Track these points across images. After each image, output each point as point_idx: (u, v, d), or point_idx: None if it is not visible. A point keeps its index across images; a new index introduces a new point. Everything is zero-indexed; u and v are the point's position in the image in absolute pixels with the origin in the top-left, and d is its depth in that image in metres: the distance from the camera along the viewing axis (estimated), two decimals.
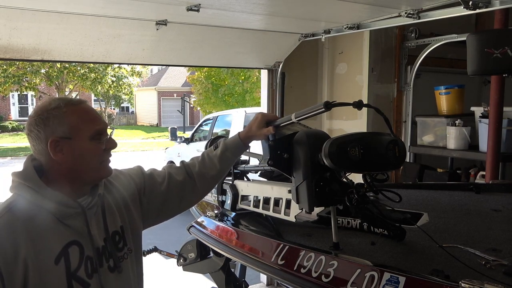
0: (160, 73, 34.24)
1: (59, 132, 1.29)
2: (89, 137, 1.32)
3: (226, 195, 2.24)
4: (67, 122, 1.30)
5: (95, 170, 1.36)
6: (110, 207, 1.43)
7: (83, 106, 1.37)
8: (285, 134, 1.64)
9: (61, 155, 1.29)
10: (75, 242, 1.29)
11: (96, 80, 20.70)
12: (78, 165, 1.32)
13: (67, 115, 1.30)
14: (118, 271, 1.38)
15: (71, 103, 1.34)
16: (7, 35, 2.86)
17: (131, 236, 1.47)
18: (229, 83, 14.95)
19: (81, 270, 1.28)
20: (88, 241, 1.32)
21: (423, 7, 2.80)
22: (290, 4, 2.91)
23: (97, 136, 1.34)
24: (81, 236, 1.31)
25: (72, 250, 1.28)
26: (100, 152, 1.35)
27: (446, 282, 1.14)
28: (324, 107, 1.39)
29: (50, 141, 1.28)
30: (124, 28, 3.13)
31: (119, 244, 1.42)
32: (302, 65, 4.51)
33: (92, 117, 1.36)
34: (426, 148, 4.35)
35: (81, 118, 1.33)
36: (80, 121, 1.32)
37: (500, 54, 2.48)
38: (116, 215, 1.44)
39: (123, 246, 1.43)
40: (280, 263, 1.56)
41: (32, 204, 1.26)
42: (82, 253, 1.30)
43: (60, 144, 1.29)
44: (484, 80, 4.86)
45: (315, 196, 1.51)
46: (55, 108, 1.30)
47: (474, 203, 2.32)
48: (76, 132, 1.31)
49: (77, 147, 1.31)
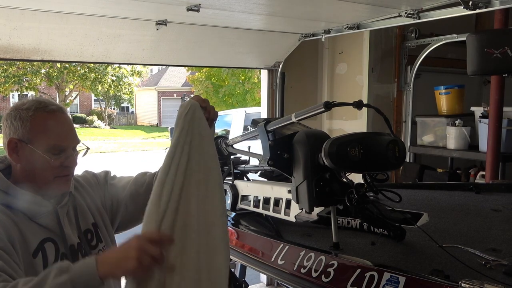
0: (160, 73, 34.23)
1: (19, 133, 1.28)
2: (44, 150, 1.28)
3: (226, 195, 2.24)
4: (30, 127, 1.27)
5: (48, 183, 1.32)
6: (81, 206, 1.43)
7: (56, 116, 1.31)
8: (285, 134, 1.64)
9: (16, 156, 1.29)
10: (50, 239, 1.29)
11: (96, 80, 20.73)
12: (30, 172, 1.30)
13: (32, 119, 1.28)
14: None
15: (43, 109, 1.30)
16: (7, 35, 2.86)
17: (106, 233, 1.48)
18: (230, 84, 14.95)
19: None
20: (61, 239, 1.31)
21: (423, 7, 2.80)
22: (290, 4, 2.90)
23: (54, 151, 1.29)
24: (54, 234, 1.31)
25: (48, 246, 1.28)
26: (51, 167, 1.29)
27: (446, 282, 1.14)
28: (324, 107, 1.39)
29: (9, 140, 1.28)
30: (124, 28, 3.12)
31: (92, 242, 1.42)
32: (302, 65, 4.51)
33: (58, 130, 1.31)
34: (426, 148, 4.35)
35: (45, 127, 1.29)
36: (42, 130, 1.28)
37: (500, 54, 2.48)
38: (88, 213, 1.44)
39: (97, 243, 1.43)
40: (280, 263, 1.56)
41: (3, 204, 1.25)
42: (57, 249, 1.30)
43: (18, 146, 1.28)
44: (484, 80, 4.86)
45: (315, 196, 1.51)
46: (26, 109, 1.29)
47: (474, 203, 2.32)
48: (34, 140, 1.28)
49: (30, 155, 1.28)
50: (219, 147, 2.23)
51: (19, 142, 1.28)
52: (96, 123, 29.46)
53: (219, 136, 2.30)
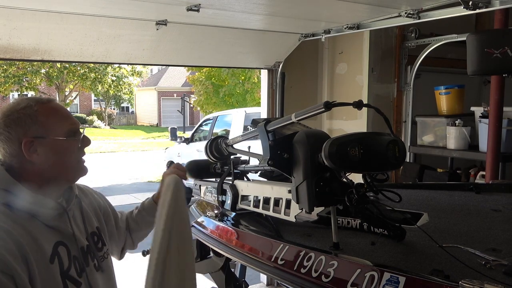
0: (160, 73, 34.25)
1: (32, 131, 1.25)
2: (64, 135, 1.29)
3: (226, 195, 2.24)
4: (40, 120, 1.26)
5: (72, 170, 1.33)
6: (85, 209, 1.44)
7: (53, 105, 1.33)
8: (285, 134, 1.64)
9: (35, 155, 1.25)
10: (62, 243, 1.28)
11: (96, 80, 20.74)
12: (55, 165, 1.28)
13: (39, 113, 1.27)
14: (101, 270, 1.38)
15: (41, 102, 1.31)
16: (7, 35, 2.86)
17: (107, 238, 1.50)
18: (230, 84, 14.94)
19: (72, 270, 1.27)
20: (73, 242, 1.31)
21: (423, 7, 2.80)
22: (290, 4, 2.91)
23: (71, 134, 1.31)
24: (65, 237, 1.29)
25: (60, 249, 1.26)
26: (76, 150, 1.32)
27: (446, 282, 1.14)
28: (324, 107, 1.39)
29: (24, 142, 1.24)
30: (124, 28, 3.13)
31: (98, 244, 1.43)
32: (302, 65, 4.51)
33: (64, 115, 1.33)
34: (426, 148, 4.35)
35: (54, 116, 1.30)
36: (54, 119, 1.29)
37: (500, 54, 2.48)
38: (91, 217, 1.45)
39: (102, 246, 1.44)
40: (280, 263, 1.56)
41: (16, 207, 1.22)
42: (69, 253, 1.29)
43: (35, 144, 1.25)
44: (484, 80, 4.86)
45: (315, 196, 1.51)
46: (26, 107, 1.26)
47: (474, 203, 2.32)
48: (50, 131, 1.27)
49: (52, 146, 1.27)
50: (219, 147, 2.23)
51: (35, 139, 1.25)
52: (96, 123, 29.48)
53: (219, 136, 2.30)
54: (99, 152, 18.64)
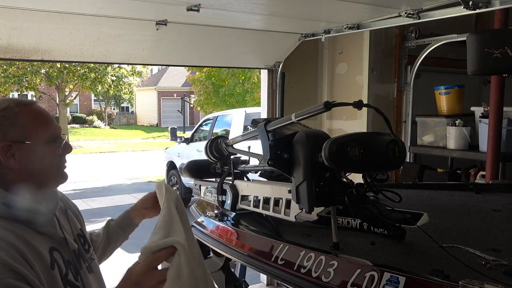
0: (160, 73, 34.25)
1: (12, 135, 1.17)
2: (45, 141, 1.21)
3: (226, 195, 2.24)
4: (21, 124, 1.18)
5: (53, 177, 1.27)
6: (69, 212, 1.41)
7: (35, 107, 1.24)
8: (285, 134, 1.64)
9: (13, 160, 1.17)
10: (55, 248, 1.23)
11: (96, 80, 20.71)
12: (33, 171, 1.21)
13: (20, 116, 1.18)
14: (92, 272, 1.35)
15: (22, 104, 1.21)
16: (7, 35, 2.86)
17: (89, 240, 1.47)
18: (230, 84, 14.94)
19: (70, 274, 1.24)
20: (65, 246, 1.26)
21: (423, 7, 2.80)
22: (290, 4, 2.91)
23: (53, 140, 1.24)
24: (57, 242, 1.24)
25: (56, 255, 1.21)
26: (56, 157, 1.25)
27: (446, 282, 1.14)
28: (324, 107, 1.39)
29: (1, 146, 1.15)
30: (124, 28, 3.13)
31: (85, 246, 1.39)
32: (302, 65, 4.51)
33: (47, 119, 1.25)
34: (426, 148, 4.35)
35: (36, 119, 1.21)
36: (35, 123, 1.20)
37: (500, 54, 2.48)
38: (74, 219, 1.42)
39: (89, 248, 1.41)
40: (280, 263, 1.56)
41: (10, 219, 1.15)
42: (63, 258, 1.24)
43: (13, 148, 1.17)
44: (484, 80, 4.87)
45: (315, 196, 1.51)
46: (5, 108, 1.18)
47: (474, 203, 2.32)
48: (31, 135, 1.19)
49: (32, 152, 1.19)
50: (219, 147, 2.23)
51: (14, 144, 1.17)
52: (96, 123, 29.49)
53: (219, 136, 2.30)
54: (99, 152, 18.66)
